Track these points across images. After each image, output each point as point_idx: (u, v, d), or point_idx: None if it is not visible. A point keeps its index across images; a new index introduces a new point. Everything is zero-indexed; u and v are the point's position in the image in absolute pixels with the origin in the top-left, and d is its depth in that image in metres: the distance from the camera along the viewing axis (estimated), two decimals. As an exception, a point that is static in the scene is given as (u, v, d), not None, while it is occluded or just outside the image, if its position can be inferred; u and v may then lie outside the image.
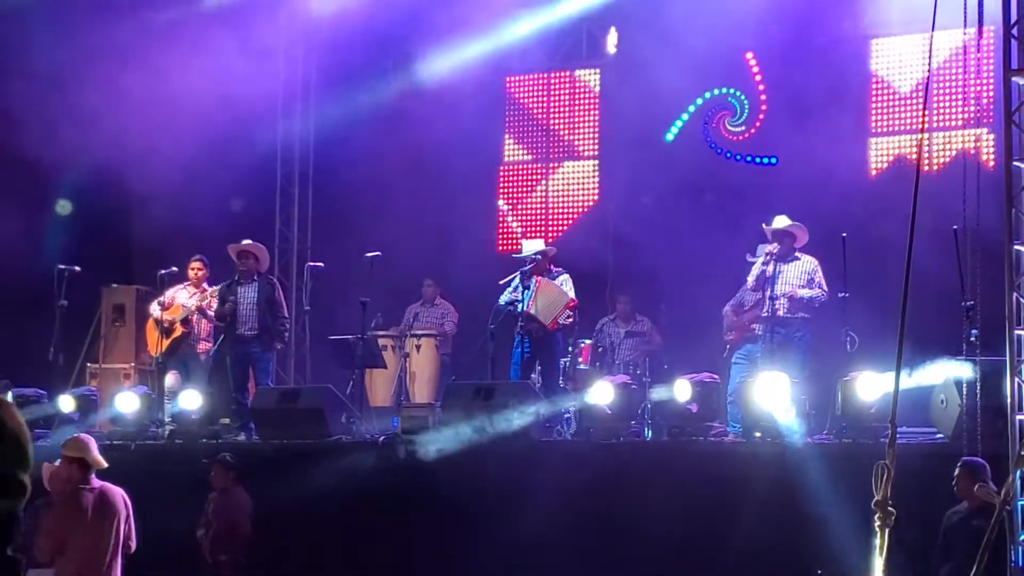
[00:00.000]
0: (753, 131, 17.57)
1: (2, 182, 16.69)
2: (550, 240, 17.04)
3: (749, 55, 17.48)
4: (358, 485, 13.15)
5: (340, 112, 18.78)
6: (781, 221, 14.39)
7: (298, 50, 19.07)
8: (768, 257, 14.24)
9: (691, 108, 17.88)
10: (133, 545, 9.97)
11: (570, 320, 15.06)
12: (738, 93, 17.70)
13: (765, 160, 17.36)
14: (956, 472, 10.35)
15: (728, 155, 17.70)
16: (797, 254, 14.34)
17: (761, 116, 17.51)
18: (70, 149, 16.64)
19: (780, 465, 11.95)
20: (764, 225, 14.47)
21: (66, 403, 15.11)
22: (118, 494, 9.85)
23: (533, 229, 18.37)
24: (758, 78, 17.54)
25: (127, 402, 14.97)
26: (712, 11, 16.37)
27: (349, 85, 18.53)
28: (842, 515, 10.83)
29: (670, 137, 17.92)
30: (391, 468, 13.28)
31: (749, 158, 17.50)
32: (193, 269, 16.23)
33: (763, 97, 17.51)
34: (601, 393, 13.41)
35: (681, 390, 13.18)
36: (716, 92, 17.82)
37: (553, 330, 14.93)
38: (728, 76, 17.74)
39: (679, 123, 17.91)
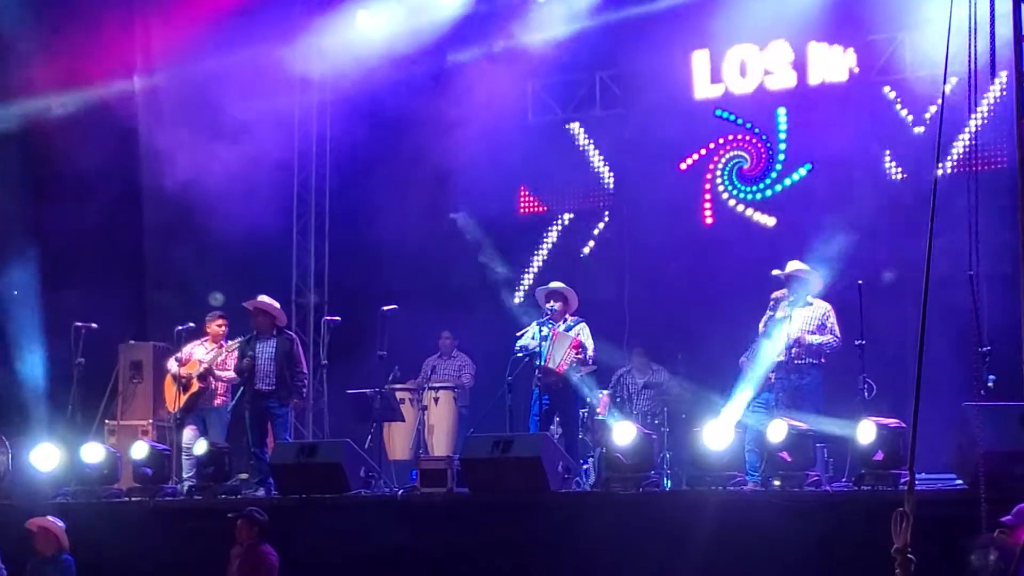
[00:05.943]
0: (768, 175, 17.62)
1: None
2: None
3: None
4: (377, 541, 13.11)
5: (357, 164, 18.90)
6: (792, 265, 14.13)
7: (313, 97, 19.17)
8: (774, 303, 14.06)
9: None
10: None
11: (580, 357, 14.85)
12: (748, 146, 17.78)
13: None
14: None
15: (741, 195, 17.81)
16: (810, 299, 14.03)
17: (777, 162, 17.58)
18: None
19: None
20: (775, 271, 14.28)
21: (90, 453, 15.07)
22: None
23: (549, 279, 18.37)
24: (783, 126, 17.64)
25: (142, 451, 14.97)
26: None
27: (365, 138, 18.61)
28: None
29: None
30: (412, 524, 13.24)
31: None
32: (219, 324, 16.21)
33: (782, 146, 17.56)
34: (623, 433, 13.12)
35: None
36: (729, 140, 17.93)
37: (561, 374, 14.72)
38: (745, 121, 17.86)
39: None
